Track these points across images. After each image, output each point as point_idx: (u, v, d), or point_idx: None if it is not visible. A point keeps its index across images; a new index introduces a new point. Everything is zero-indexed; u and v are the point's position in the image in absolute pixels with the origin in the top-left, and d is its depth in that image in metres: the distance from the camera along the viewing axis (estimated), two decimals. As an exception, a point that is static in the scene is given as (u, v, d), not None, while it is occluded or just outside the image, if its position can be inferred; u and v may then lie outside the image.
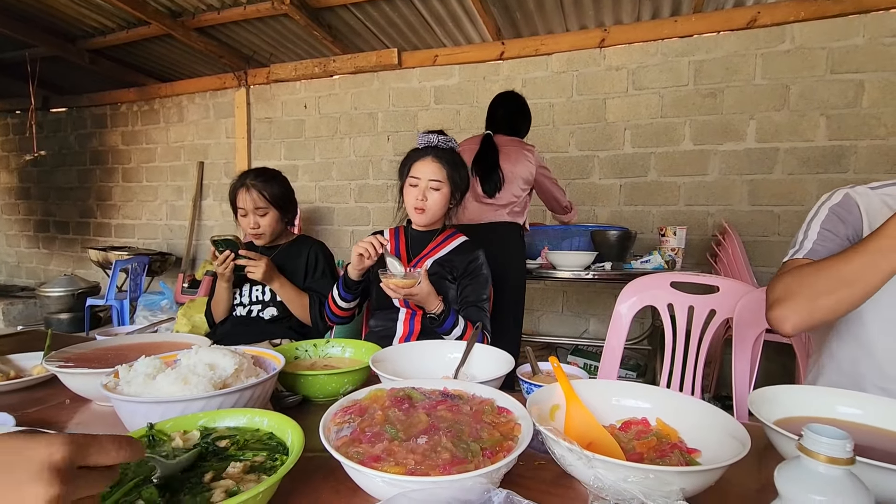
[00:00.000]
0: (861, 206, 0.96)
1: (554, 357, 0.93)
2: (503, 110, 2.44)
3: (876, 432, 0.71)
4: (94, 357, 0.99)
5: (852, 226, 0.96)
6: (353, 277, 1.38)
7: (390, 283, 1.23)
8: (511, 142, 2.37)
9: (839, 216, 0.97)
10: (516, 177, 2.31)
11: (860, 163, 2.93)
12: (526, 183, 2.36)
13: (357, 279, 1.39)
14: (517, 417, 0.69)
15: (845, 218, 0.96)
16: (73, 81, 5.02)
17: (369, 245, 1.30)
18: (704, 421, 0.72)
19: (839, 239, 0.95)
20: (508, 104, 2.45)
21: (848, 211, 0.97)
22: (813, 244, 0.96)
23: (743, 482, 0.68)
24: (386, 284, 1.25)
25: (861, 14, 2.88)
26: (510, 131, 2.42)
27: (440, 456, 0.57)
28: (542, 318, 3.76)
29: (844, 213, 0.97)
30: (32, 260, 5.99)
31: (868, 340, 0.96)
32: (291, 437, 0.63)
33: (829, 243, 0.95)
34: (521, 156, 2.34)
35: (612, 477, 0.57)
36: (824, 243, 0.95)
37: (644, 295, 1.46)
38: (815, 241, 0.97)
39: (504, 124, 2.42)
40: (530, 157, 2.35)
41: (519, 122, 2.45)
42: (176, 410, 0.68)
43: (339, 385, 0.94)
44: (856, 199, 0.97)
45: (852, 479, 0.39)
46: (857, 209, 0.96)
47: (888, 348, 0.94)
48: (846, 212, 0.97)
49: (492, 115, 2.47)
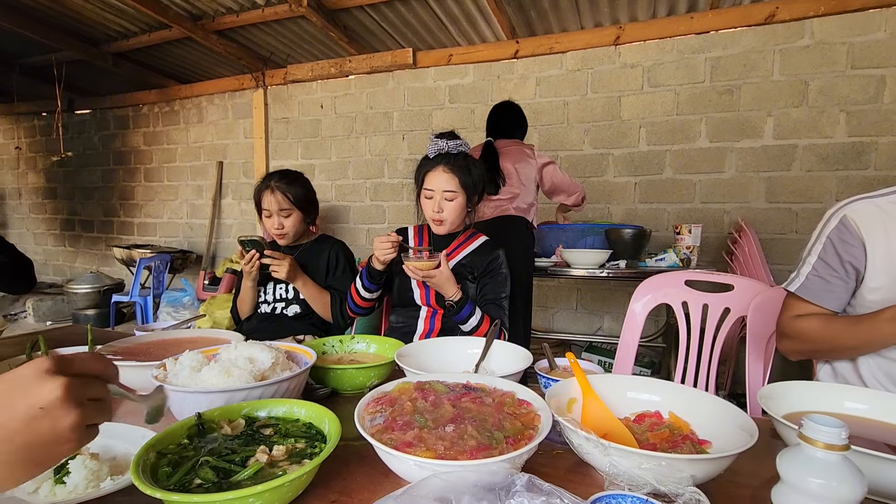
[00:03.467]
0: (859, 224, 1.02)
1: (571, 353, 0.97)
2: (500, 118, 2.70)
3: (881, 426, 0.75)
4: (138, 351, 1.06)
5: (851, 249, 1.03)
6: (377, 268, 1.45)
7: (412, 265, 1.32)
8: (510, 143, 2.60)
9: (835, 245, 1.05)
10: (517, 173, 2.51)
11: (881, 160, 2.90)
12: (528, 178, 2.54)
13: (381, 269, 1.45)
14: (537, 409, 0.73)
15: (840, 246, 1.04)
16: (97, 84, 5.17)
17: (388, 243, 1.39)
18: (715, 414, 0.75)
19: (832, 269, 1.05)
20: (504, 112, 2.70)
21: (843, 239, 1.03)
22: (806, 278, 1.08)
23: (752, 471, 0.71)
24: (408, 266, 1.34)
25: (883, 8, 2.84)
26: (507, 135, 2.65)
27: (467, 443, 0.62)
28: (556, 315, 3.79)
29: (840, 242, 1.04)
30: (59, 258, 6.19)
31: None
32: (328, 426, 0.68)
33: (824, 274, 1.06)
34: (521, 154, 2.55)
35: (627, 464, 0.61)
36: (817, 277, 1.06)
37: (658, 293, 1.49)
38: (808, 273, 1.08)
39: (501, 130, 2.67)
40: (530, 154, 2.57)
41: (513, 127, 2.69)
42: (221, 400, 0.74)
43: (366, 378, 0.99)
44: (853, 219, 1.03)
45: (848, 463, 0.43)
46: (856, 228, 1.02)
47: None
48: (841, 240, 1.04)
49: (491, 124, 2.71)
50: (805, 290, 1.07)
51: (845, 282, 1.04)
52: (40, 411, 0.41)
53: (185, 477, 0.59)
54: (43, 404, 0.41)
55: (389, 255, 1.39)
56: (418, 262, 1.32)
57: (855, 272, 1.03)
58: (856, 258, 1.02)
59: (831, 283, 1.04)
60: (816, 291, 1.06)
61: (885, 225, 0.99)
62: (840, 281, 1.04)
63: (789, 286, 1.11)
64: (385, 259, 1.40)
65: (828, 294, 1.05)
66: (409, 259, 1.34)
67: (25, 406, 0.41)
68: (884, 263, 0.98)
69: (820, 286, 1.05)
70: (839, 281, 1.04)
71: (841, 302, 1.05)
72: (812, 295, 1.06)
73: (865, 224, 1.01)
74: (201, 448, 0.65)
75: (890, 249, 0.98)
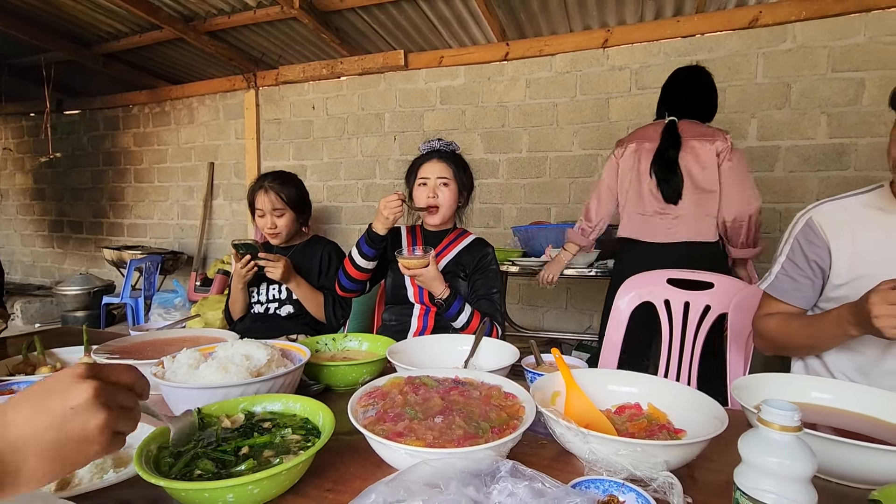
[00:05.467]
0: (823, 226, 1.08)
1: (556, 349, 1.01)
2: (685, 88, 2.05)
3: (845, 414, 0.80)
4: (134, 350, 1.08)
5: (816, 250, 1.09)
6: (379, 232, 1.42)
7: (403, 261, 1.38)
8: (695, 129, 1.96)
9: (802, 246, 1.11)
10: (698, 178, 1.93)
11: (860, 160, 2.98)
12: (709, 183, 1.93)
13: (383, 234, 1.42)
14: (522, 401, 0.77)
15: (806, 247, 1.10)
16: (87, 84, 5.14)
17: (397, 200, 1.38)
18: (690, 405, 0.80)
19: (800, 269, 1.11)
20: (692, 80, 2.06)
21: (809, 240, 1.10)
22: (776, 277, 1.14)
23: (727, 459, 0.76)
24: (400, 263, 1.39)
25: (862, 13, 2.91)
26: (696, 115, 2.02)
27: (454, 433, 0.65)
28: (546, 314, 3.84)
29: (805, 242, 1.10)
30: (47, 259, 6.13)
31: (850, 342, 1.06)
32: (323, 418, 0.72)
33: (792, 273, 1.12)
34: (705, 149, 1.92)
35: (605, 451, 0.65)
36: (786, 276, 1.13)
37: (643, 290, 1.54)
38: (778, 273, 1.14)
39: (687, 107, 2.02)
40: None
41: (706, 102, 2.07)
42: (218, 396, 0.77)
43: (358, 375, 1.02)
44: (819, 222, 1.09)
45: (800, 443, 0.47)
46: (821, 230, 1.08)
47: (867, 344, 1.03)
48: (808, 241, 1.10)
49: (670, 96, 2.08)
50: (775, 288, 1.13)
51: (812, 280, 1.09)
52: (71, 411, 0.44)
53: (185, 468, 0.62)
54: (73, 404, 0.44)
55: (398, 211, 1.38)
56: (409, 259, 1.37)
57: (821, 271, 1.09)
58: (821, 258, 1.08)
59: (799, 282, 1.10)
60: (786, 290, 1.12)
61: (850, 226, 1.04)
62: (807, 280, 1.10)
63: (762, 285, 1.17)
64: (395, 216, 1.38)
65: (796, 292, 1.11)
66: (401, 256, 1.38)
67: (59, 405, 0.44)
68: (849, 262, 1.04)
69: (789, 285, 1.11)
70: (806, 280, 1.10)
71: (808, 300, 1.12)
72: (781, 293, 1.13)
73: (830, 226, 1.07)
74: (201, 441, 0.67)
75: (856, 249, 1.03)
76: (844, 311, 0.93)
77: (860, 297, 0.88)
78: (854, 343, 1.02)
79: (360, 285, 1.56)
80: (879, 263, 0.96)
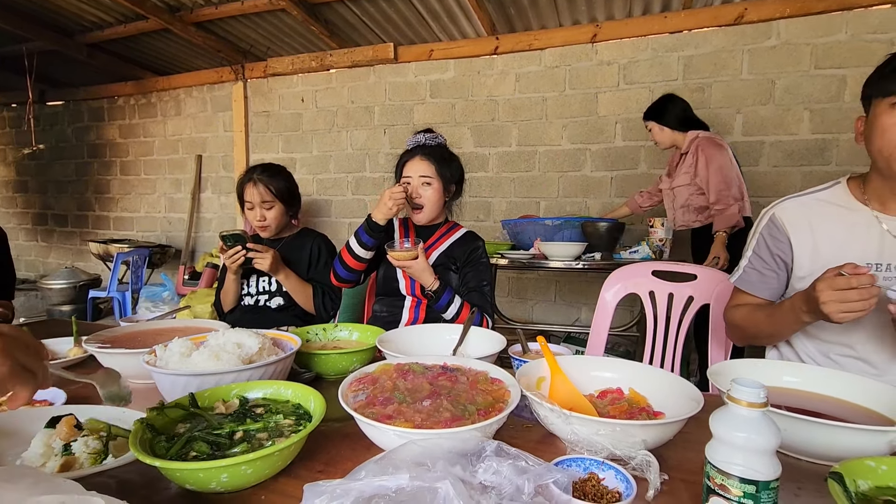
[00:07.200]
0: (785, 221, 1.13)
1: (541, 336, 1.04)
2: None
3: (812, 396, 0.85)
4: (125, 339, 1.09)
5: (779, 244, 1.14)
6: (379, 222, 1.45)
7: (393, 253, 1.41)
8: None
9: (766, 240, 1.16)
10: None
11: (842, 155, 3.05)
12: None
13: (383, 224, 1.45)
14: (507, 385, 0.80)
15: (770, 242, 1.15)
16: (70, 75, 5.04)
17: (397, 195, 1.42)
18: (670, 389, 0.83)
19: (765, 263, 1.16)
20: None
21: (772, 235, 1.15)
22: (744, 270, 1.19)
23: (703, 438, 0.79)
24: (390, 255, 1.42)
25: (844, 11, 2.97)
26: None
27: (442, 415, 0.68)
28: (535, 306, 3.88)
29: (769, 237, 1.16)
30: (31, 253, 6.04)
31: (811, 329, 1.11)
32: (314, 403, 0.73)
33: (758, 267, 1.17)
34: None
35: (586, 431, 0.68)
36: (753, 269, 1.18)
37: (628, 282, 1.57)
38: (745, 267, 1.19)
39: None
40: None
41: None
42: (211, 382, 0.79)
43: (348, 363, 1.04)
44: (780, 217, 1.14)
45: (766, 419, 0.50)
46: (783, 225, 1.14)
47: (826, 330, 1.09)
48: (771, 236, 1.15)
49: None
50: (743, 281, 1.19)
51: (777, 273, 1.15)
52: None
53: (181, 450, 0.63)
54: None
55: (401, 203, 1.42)
56: (399, 251, 1.39)
57: (784, 265, 1.15)
58: (784, 252, 1.13)
59: (765, 275, 1.16)
60: (753, 283, 1.17)
61: (809, 221, 1.10)
62: (773, 273, 1.15)
63: (732, 278, 1.22)
64: (398, 208, 1.42)
65: (763, 285, 1.16)
66: (391, 248, 1.41)
67: None
68: (810, 256, 1.10)
69: (756, 278, 1.17)
70: (772, 273, 1.15)
71: (774, 292, 1.17)
72: (749, 286, 1.18)
73: (791, 221, 1.12)
74: (195, 426, 0.69)
75: (816, 243, 1.09)
76: (797, 299, 0.99)
77: (809, 285, 0.92)
78: (813, 329, 1.08)
79: (356, 275, 1.57)
80: (838, 256, 1.01)
